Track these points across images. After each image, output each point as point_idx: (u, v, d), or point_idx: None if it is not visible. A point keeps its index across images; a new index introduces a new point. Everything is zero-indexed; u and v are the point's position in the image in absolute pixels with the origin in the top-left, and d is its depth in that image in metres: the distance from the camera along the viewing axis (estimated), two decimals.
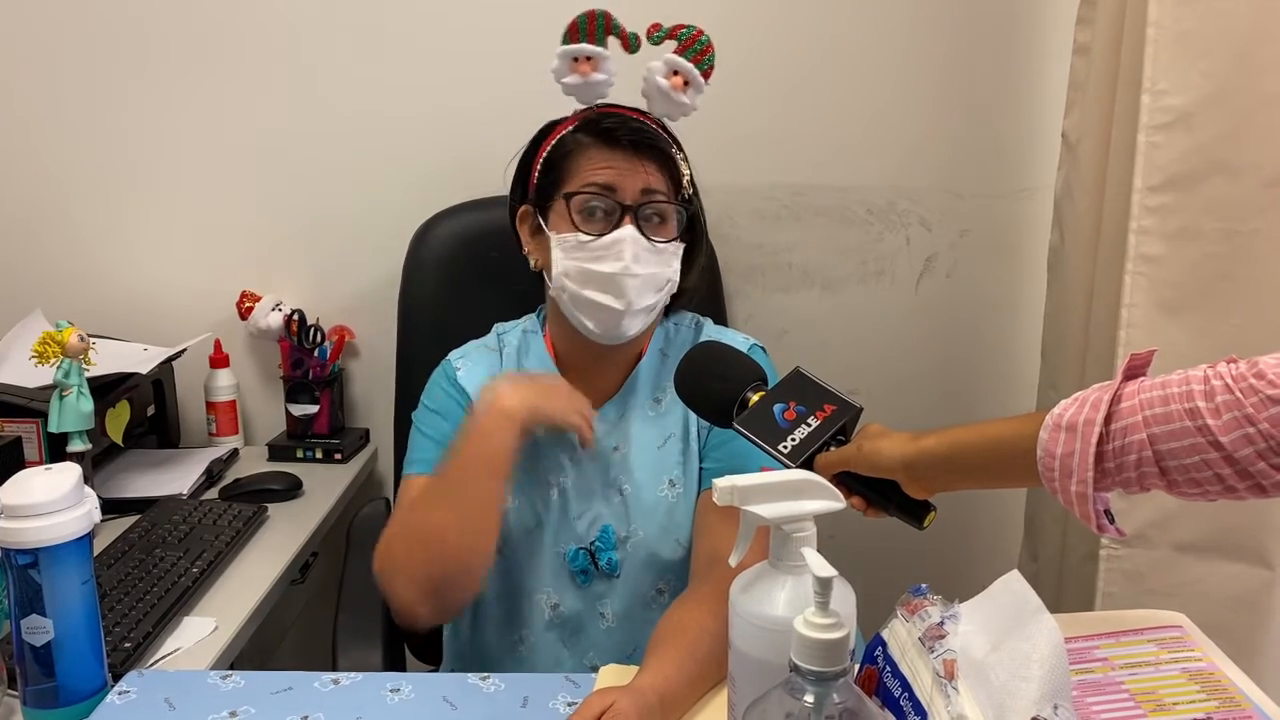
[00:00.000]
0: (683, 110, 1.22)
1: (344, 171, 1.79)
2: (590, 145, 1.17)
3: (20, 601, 0.92)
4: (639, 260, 1.14)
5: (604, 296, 1.14)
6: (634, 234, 1.14)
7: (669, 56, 1.19)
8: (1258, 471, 0.79)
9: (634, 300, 1.14)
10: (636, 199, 1.15)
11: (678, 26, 1.20)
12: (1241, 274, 1.35)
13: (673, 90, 1.19)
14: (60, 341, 1.38)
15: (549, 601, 1.21)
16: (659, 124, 1.21)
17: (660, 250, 1.16)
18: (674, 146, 1.20)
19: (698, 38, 1.20)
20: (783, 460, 0.97)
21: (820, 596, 0.68)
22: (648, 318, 1.18)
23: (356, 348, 1.85)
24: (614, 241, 1.14)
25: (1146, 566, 1.43)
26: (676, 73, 1.19)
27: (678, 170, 1.18)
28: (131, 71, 1.76)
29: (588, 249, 1.15)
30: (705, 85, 1.21)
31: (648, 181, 1.15)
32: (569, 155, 1.18)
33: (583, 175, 1.16)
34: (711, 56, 1.20)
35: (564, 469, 1.21)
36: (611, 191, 1.15)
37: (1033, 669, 0.76)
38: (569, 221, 1.16)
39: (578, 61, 1.19)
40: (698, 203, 1.23)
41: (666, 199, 1.17)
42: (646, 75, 1.20)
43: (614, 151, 1.16)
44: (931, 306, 1.84)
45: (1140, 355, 0.87)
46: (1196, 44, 1.31)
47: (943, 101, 1.77)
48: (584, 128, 1.19)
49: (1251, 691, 0.92)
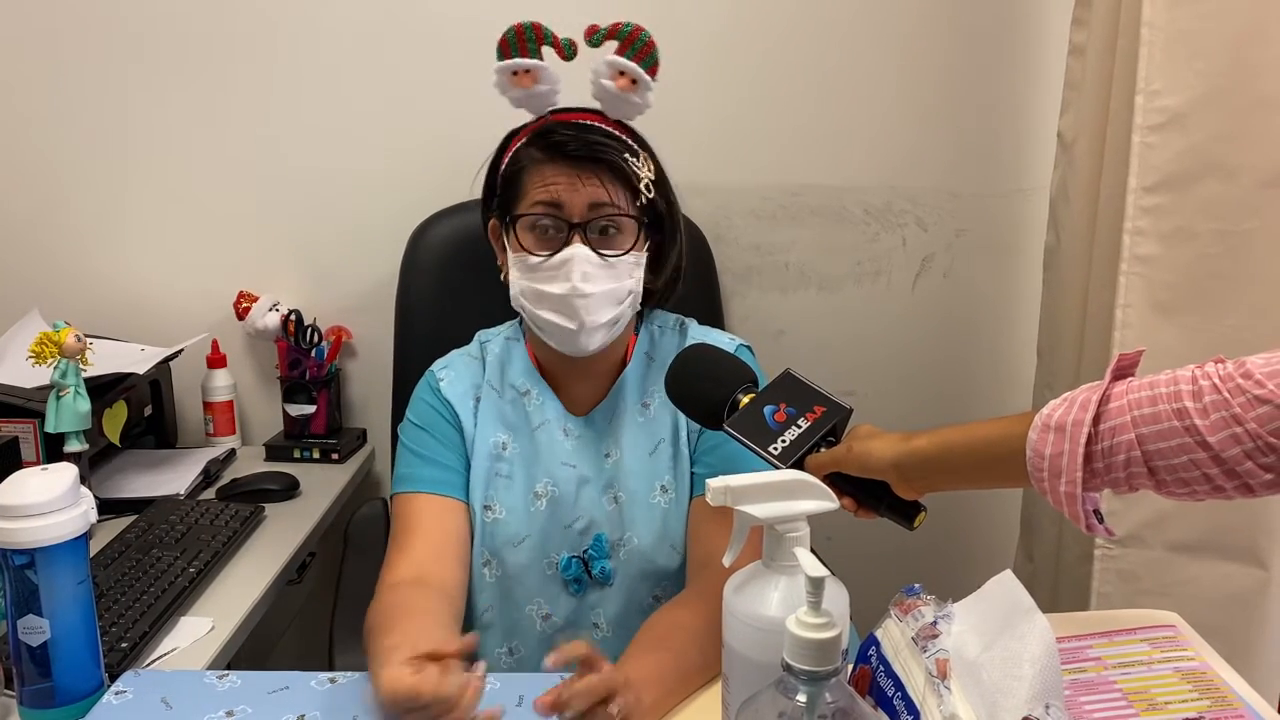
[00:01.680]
0: (637, 109, 1.18)
1: (341, 172, 1.79)
2: (539, 161, 1.14)
3: (17, 601, 0.93)
4: (588, 279, 1.12)
5: (557, 317, 1.14)
6: (584, 252, 1.12)
7: (610, 58, 1.15)
8: (1245, 471, 0.79)
9: (586, 319, 1.13)
10: (584, 215, 1.12)
11: (615, 26, 1.15)
12: (1236, 274, 1.36)
13: (621, 92, 1.15)
14: (57, 342, 1.38)
15: (540, 612, 1.21)
16: (617, 124, 1.18)
17: (614, 264, 1.14)
18: (629, 151, 1.15)
19: (637, 35, 1.14)
20: (773, 462, 0.98)
21: (812, 596, 0.68)
22: (610, 331, 1.17)
23: (354, 348, 1.85)
24: (562, 262, 1.12)
25: (1141, 566, 1.43)
26: (623, 73, 1.15)
27: (632, 177, 1.14)
28: (130, 72, 1.76)
29: (539, 270, 1.13)
30: (654, 81, 1.16)
31: (595, 195, 1.12)
32: (521, 172, 1.16)
33: (530, 195, 1.14)
34: (654, 53, 1.15)
35: (555, 477, 1.21)
36: (558, 208, 1.13)
37: (1025, 668, 0.76)
38: (519, 242, 1.15)
39: (516, 75, 1.16)
40: (666, 199, 1.19)
41: (617, 209, 1.14)
42: (592, 79, 1.16)
43: (560, 167, 1.13)
44: (928, 306, 1.85)
45: (1128, 355, 0.88)
46: (1191, 45, 1.31)
47: (939, 102, 1.78)
48: (535, 141, 1.16)
49: (1244, 691, 0.92)
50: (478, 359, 1.27)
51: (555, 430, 1.22)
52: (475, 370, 1.25)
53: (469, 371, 1.25)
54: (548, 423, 1.22)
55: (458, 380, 1.24)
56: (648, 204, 1.16)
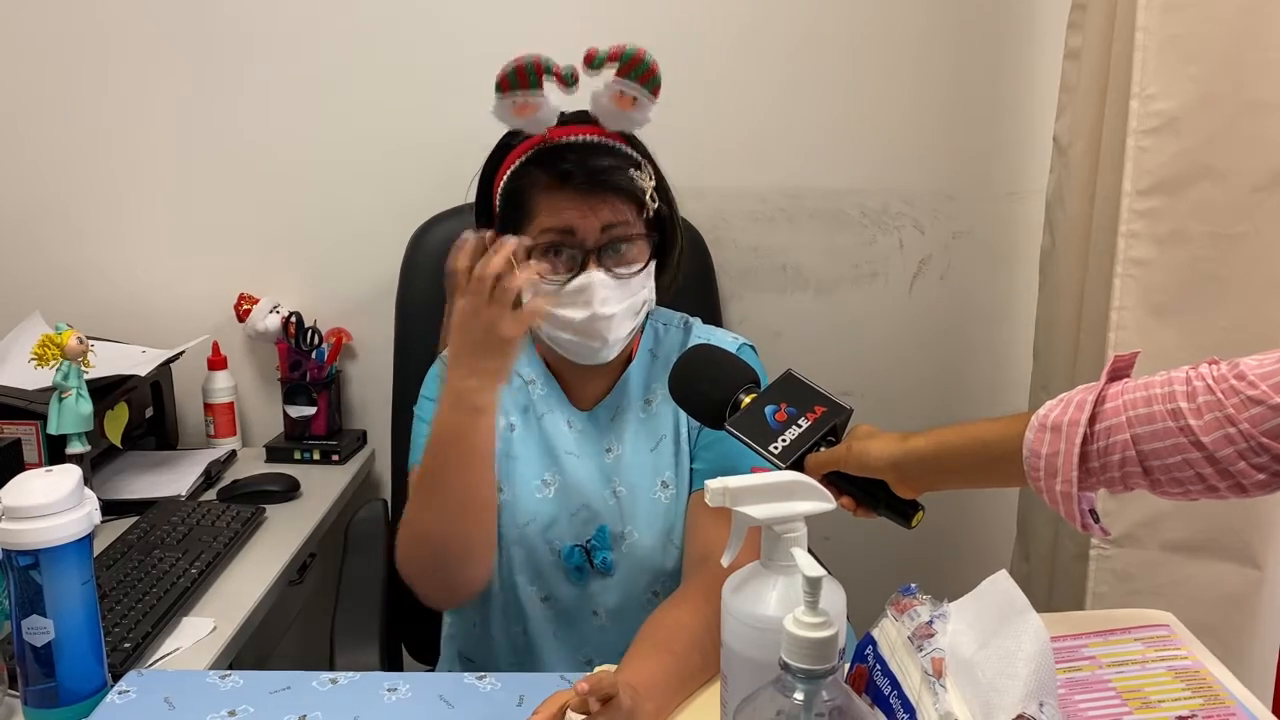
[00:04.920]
0: (636, 124, 1.17)
1: (342, 174, 1.80)
2: (546, 185, 1.13)
3: (21, 602, 0.93)
4: (607, 303, 1.13)
5: (578, 338, 1.15)
6: (600, 277, 1.12)
7: (613, 81, 1.12)
8: (1238, 471, 0.80)
9: (609, 337, 1.15)
10: (598, 240, 1.12)
11: (616, 49, 1.11)
12: (1229, 277, 1.37)
13: (622, 111, 1.14)
14: (59, 344, 1.38)
15: (540, 595, 1.23)
16: (617, 136, 1.17)
17: (629, 282, 1.15)
18: (632, 164, 1.15)
19: (640, 59, 1.11)
20: (773, 461, 0.99)
21: (810, 596, 0.69)
22: (627, 340, 1.19)
23: (354, 350, 1.86)
24: (580, 289, 1.12)
25: (1136, 566, 1.44)
26: (624, 93, 1.13)
27: (639, 193, 1.14)
28: (131, 74, 1.77)
29: (556, 295, 1.13)
30: (655, 100, 1.14)
31: (606, 218, 1.12)
32: (525, 192, 1.14)
33: (540, 220, 1.13)
34: (657, 76, 1.12)
35: (561, 466, 1.22)
36: (571, 234, 1.12)
37: (1019, 667, 0.77)
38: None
39: (517, 106, 1.12)
40: (666, 202, 1.19)
41: (628, 227, 1.14)
42: (594, 100, 1.14)
43: (569, 195, 1.12)
44: (925, 309, 1.86)
45: (1124, 356, 0.89)
46: (1184, 49, 1.32)
47: (936, 105, 1.79)
48: (538, 161, 1.14)
49: (1236, 689, 0.93)
50: None
51: (560, 422, 1.23)
52: None
53: None
54: (553, 413, 1.24)
55: None
56: (653, 214, 1.17)
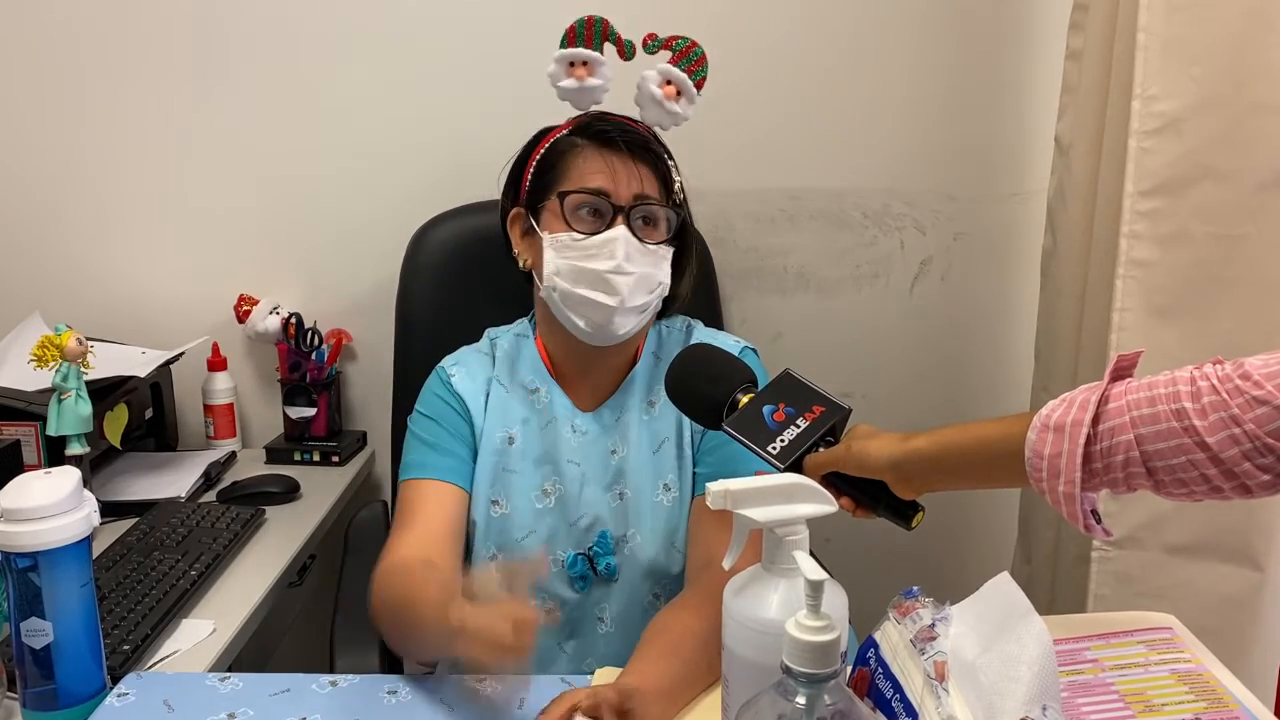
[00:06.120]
0: (674, 119, 1.23)
1: (342, 175, 1.79)
2: (585, 148, 1.19)
3: (20, 604, 0.93)
4: (631, 259, 1.15)
5: (596, 294, 1.16)
6: (626, 234, 1.16)
7: (663, 66, 1.21)
8: (1243, 472, 0.80)
9: (626, 297, 1.15)
10: (629, 201, 1.17)
11: (673, 37, 1.22)
12: (1231, 277, 1.37)
13: (666, 99, 1.21)
14: (59, 345, 1.38)
15: (544, 606, 1.22)
16: (651, 132, 1.23)
17: (651, 251, 1.18)
18: (666, 153, 1.22)
19: (692, 49, 1.22)
20: (772, 461, 0.98)
21: (811, 599, 0.69)
22: (640, 318, 1.19)
23: (354, 351, 1.86)
24: (606, 241, 1.15)
25: (1138, 568, 1.44)
26: (670, 82, 1.21)
27: (670, 175, 1.20)
28: (130, 75, 1.77)
29: (580, 247, 1.16)
30: (698, 96, 1.23)
31: (641, 186, 1.17)
32: (563, 156, 1.20)
33: (577, 177, 1.18)
34: (705, 68, 1.22)
35: (562, 475, 1.22)
36: (605, 194, 1.17)
37: (1021, 670, 0.77)
38: (562, 220, 1.17)
39: (574, 66, 1.21)
40: (687, 211, 1.24)
41: (659, 202, 1.19)
42: (640, 83, 1.22)
43: (608, 154, 1.17)
44: (926, 309, 1.85)
45: (1127, 356, 0.88)
46: (1186, 50, 1.32)
47: (937, 106, 1.78)
48: (579, 131, 1.21)
49: (1239, 692, 0.93)
50: (488, 355, 1.28)
51: (563, 426, 1.23)
52: (485, 365, 1.27)
53: (480, 366, 1.27)
54: (555, 419, 1.23)
55: (469, 375, 1.25)
56: (677, 205, 1.21)
